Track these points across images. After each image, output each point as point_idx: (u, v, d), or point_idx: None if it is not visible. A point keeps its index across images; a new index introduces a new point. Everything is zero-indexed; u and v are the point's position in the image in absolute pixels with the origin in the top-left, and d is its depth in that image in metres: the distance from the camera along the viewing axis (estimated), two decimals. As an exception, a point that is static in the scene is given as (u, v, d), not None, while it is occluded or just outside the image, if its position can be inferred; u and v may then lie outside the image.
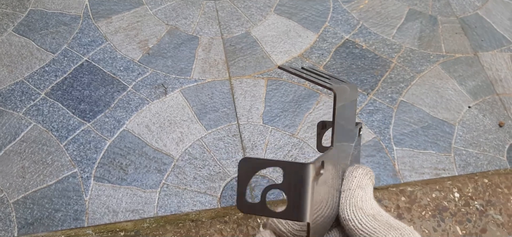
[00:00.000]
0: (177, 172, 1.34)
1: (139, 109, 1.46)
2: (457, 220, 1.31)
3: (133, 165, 1.35)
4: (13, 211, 1.24)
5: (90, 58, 1.58)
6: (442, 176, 1.40)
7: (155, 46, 1.65)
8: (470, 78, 1.68)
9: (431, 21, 1.87)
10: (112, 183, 1.31)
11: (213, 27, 1.73)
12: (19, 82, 1.50)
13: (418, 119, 1.54)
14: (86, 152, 1.36)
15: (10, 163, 1.32)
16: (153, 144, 1.39)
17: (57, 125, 1.41)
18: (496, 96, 1.63)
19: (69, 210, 1.26)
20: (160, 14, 1.75)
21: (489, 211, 1.33)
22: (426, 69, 1.69)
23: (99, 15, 1.71)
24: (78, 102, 1.46)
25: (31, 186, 1.29)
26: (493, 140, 1.51)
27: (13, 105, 1.44)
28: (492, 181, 1.41)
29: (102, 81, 1.52)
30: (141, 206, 1.27)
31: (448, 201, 1.35)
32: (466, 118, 1.56)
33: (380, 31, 1.80)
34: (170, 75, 1.56)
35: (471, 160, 1.46)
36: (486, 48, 1.79)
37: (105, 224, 1.26)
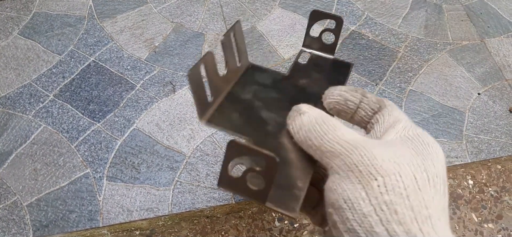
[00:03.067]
0: (189, 169, 1.34)
1: (148, 108, 1.46)
2: (472, 207, 1.31)
3: (145, 163, 1.34)
4: (27, 214, 1.24)
5: (97, 58, 1.57)
6: (455, 164, 1.40)
7: (161, 44, 1.64)
8: (478, 65, 1.68)
9: (437, 10, 1.86)
10: (125, 182, 1.30)
11: (218, 23, 1.73)
12: (27, 84, 1.49)
13: (428, 107, 1.54)
14: (97, 152, 1.35)
15: (22, 166, 1.32)
16: (164, 142, 1.39)
17: (67, 127, 1.40)
18: (505, 82, 1.63)
19: (83, 210, 1.25)
20: (165, 12, 1.75)
21: (504, 197, 1.33)
22: (433, 57, 1.69)
23: (104, 15, 1.71)
24: (87, 102, 1.46)
25: (44, 188, 1.28)
26: (504, 126, 1.50)
27: (22, 108, 1.43)
28: (506, 167, 1.40)
29: (110, 81, 1.52)
30: (155, 204, 1.27)
31: (462, 189, 1.35)
32: (476, 105, 1.56)
33: (386, 21, 1.80)
34: (178, 73, 1.56)
35: (483, 146, 1.45)
36: (493, 34, 1.79)
37: (120, 223, 1.26)
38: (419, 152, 0.29)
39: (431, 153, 0.29)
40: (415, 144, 0.30)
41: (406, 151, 0.29)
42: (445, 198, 0.28)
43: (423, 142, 0.30)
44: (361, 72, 1.61)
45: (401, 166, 0.27)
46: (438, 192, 0.27)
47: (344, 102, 0.36)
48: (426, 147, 0.30)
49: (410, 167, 0.27)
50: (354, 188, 0.27)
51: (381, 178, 0.27)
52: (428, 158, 0.29)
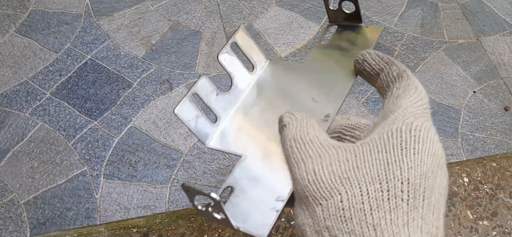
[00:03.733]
0: (186, 167, 1.34)
1: (145, 106, 1.46)
2: (468, 204, 1.31)
3: (142, 161, 1.34)
4: (24, 211, 1.24)
5: (94, 56, 1.57)
6: (451, 162, 1.41)
7: (158, 42, 1.64)
8: (474, 63, 1.69)
9: (433, 8, 1.87)
10: (122, 180, 1.31)
11: (215, 21, 1.73)
12: (24, 82, 1.49)
13: (424, 105, 1.54)
14: (94, 150, 1.36)
15: (19, 164, 1.32)
16: (161, 140, 1.39)
17: (64, 124, 1.40)
18: (500, 80, 1.64)
19: (81, 208, 1.25)
20: (162, 10, 1.75)
21: (499, 194, 1.34)
22: (429, 56, 1.70)
23: (100, 13, 1.71)
24: (84, 100, 1.46)
25: (41, 186, 1.28)
26: (499, 124, 1.52)
27: (19, 106, 1.43)
28: (501, 164, 1.41)
29: (107, 78, 1.52)
30: (153, 202, 1.27)
31: (457, 186, 1.36)
32: (471, 103, 1.57)
33: (382, 19, 1.81)
34: (175, 71, 1.56)
35: (478, 144, 1.46)
36: (488, 32, 1.80)
37: (117, 221, 1.26)
38: (391, 155, 0.26)
39: (416, 152, 0.26)
40: (392, 143, 0.27)
41: (368, 159, 0.26)
42: (423, 203, 0.24)
43: (405, 140, 0.27)
44: (357, 70, 1.62)
45: (348, 183, 0.25)
46: (406, 202, 0.24)
47: (369, 67, 0.36)
48: (409, 146, 0.26)
49: (361, 182, 0.25)
50: (304, 215, 0.26)
51: (324, 202, 0.25)
52: (403, 161, 0.25)
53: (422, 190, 0.25)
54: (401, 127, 0.28)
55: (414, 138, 0.27)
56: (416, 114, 0.29)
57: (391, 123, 0.29)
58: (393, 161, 0.26)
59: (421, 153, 0.26)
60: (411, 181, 0.25)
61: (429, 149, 0.27)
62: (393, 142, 0.27)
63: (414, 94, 0.31)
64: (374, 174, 0.25)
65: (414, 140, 0.27)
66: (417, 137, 0.27)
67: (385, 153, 0.26)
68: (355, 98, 1.53)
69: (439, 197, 0.26)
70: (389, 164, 0.25)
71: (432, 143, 0.27)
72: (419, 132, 0.27)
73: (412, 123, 0.28)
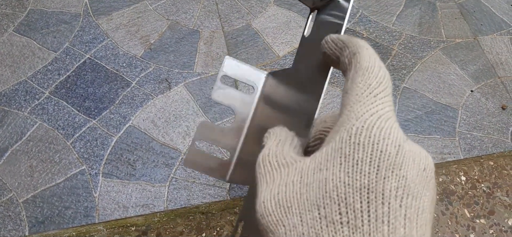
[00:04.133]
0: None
1: (144, 105, 1.46)
2: (465, 203, 1.32)
3: (141, 160, 1.35)
4: (23, 210, 1.24)
5: (93, 56, 1.58)
6: (448, 160, 1.42)
7: (156, 42, 1.65)
8: (471, 62, 1.69)
9: (430, 7, 1.87)
10: (120, 179, 1.31)
11: (213, 21, 1.73)
12: (23, 81, 1.49)
13: (422, 104, 1.55)
14: (93, 149, 1.36)
15: (17, 163, 1.32)
16: (159, 139, 1.39)
17: (62, 123, 1.41)
18: (497, 80, 1.64)
19: (79, 207, 1.26)
20: (160, 9, 1.75)
21: (496, 193, 1.34)
22: (427, 55, 1.70)
23: (99, 12, 1.71)
24: (83, 99, 1.46)
25: (39, 184, 1.29)
26: (496, 123, 1.52)
27: (18, 105, 1.43)
28: (498, 163, 1.42)
29: (106, 78, 1.52)
30: (151, 200, 1.28)
31: (455, 185, 1.36)
32: (469, 102, 1.57)
33: (380, 18, 1.81)
34: (173, 70, 1.56)
35: (475, 143, 1.47)
36: (486, 32, 1.80)
37: (116, 219, 1.27)
38: (330, 173, 0.23)
39: (355, 163, 0.23)
40: (333, 158, 0.24)
41: (309, 182, 0.24)
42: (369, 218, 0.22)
43: (345, 153, 0.23)
44: (355, 69, 1.62)
45: (290, 212, 0.24)
46: (346, 224, 0.22)
47: (328, 58, 0.32)
48: (348, 157, 0.23)
49: (301, 210, 0.23)
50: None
51: (271, 235, 0.24)
52: (340, 179, 0.23)
53: (364, 206, 0.22)
54: (342, 136, 0.24)
55: (354, 147, 0.23)
56: (359, 111, 0.25)
57: (336, 131, 0.26)
58: (331, 180, 0.23)
59: (362, 162, 0.23)
60: (349, 201, 0.22)
61: (372, 154, 0.23)
62: (334, 156, 0.24)
63: (361, 82, 0.26)
64: (313, 200, 0.23)
65: (353, 149, 0.23)
66: (356, 144, 0.23)
67: (325, 171, 0.24)
68: (353, 97, 1.54)
69: (397, 202, 0.22)
70: (327, 184, 0.23)
71: (376, 144, 0.23)
72: (360, 137, 0.24)
73: (352, 127, 0.24)
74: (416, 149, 0.25)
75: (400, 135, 0.24)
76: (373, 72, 0.27)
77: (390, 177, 0.22)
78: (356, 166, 0.23)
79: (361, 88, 0.26)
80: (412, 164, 0.23)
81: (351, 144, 0.24)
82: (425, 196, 0.23)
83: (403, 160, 0.23)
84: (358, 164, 0.23)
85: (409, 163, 0.23)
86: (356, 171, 0.23)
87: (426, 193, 0.23)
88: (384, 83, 0.27)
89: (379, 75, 0.27)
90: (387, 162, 0.23)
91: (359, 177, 0.22)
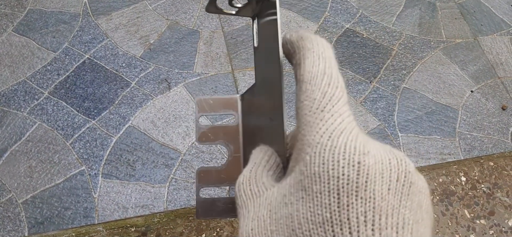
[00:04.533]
0: (184, 166, 1.35)
1: (143, 105, 1.46)
2: (465, 203, 1.32)
3: (141, 160, 1.35)
4: (23, 211, 1.24)
5: (92, 56, 1.57)
6: (448, 161, 1.42)
7: (156, 42, 1.64)
8: (471, 62, 1.69)
9: (430, 8, 1.87)
10: (120, 180, 1.31)
11: (213, 21, 1.73)
12: (22, 82, 1.49)
13: (422, 105, 1.55)
14: (92, 150, 1.36)
15: (17, 163, 1.32)
16: (159, 139, 1.39)
17: (62, 124, 1.40)
18: (497, 80, 1.64)
19: (79, 208, 1.25)
20: (160, 9, 1.75)
21: (496, 193, 1.34)
22: (427, 55, 1.70)
23: (98, 12, 1.71)
24: (82, 100, 1.46)
25: (39, 185, 1.28)
26: (496, 123, 1.52)
27: (17, 105, 1.43)
28: (498, 164, 1.42)
29: (105, 78, 1.52)
30: (151, 201, 1.28)
31: (455, 185, 1.36)
32: (469, 103, 1.57)
33: (380, 19, 1.81)
34: (173, 70, 1.56)
35: (476, 144, 1.47)
36: (486, 32, 1.80)
37: (115, 220, 1.26)
38: (294, 208, 0.22)
39: (315, 195, 0.21)
40: (295, 191, 0.22)
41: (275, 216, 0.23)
42: None
43: (304, 186, 0.22)
44: (355, 69, 1.62)
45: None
46: None
47: (288, 59, 0.28)
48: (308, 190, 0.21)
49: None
50: None
51: None
52: (304, 214, 0.21)
53: None
54: (300, 167, 0.22)
55: (310, 178, 0.21)
56: (311, 132, 0.22)
57: (295, 159, 0.24)
58: (295, 217, 0.21)
59: (321, 194, 0.21)
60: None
61: (330, 182, 0.21)
62: (296, 188, 0.22)
63: (306, 99, 0.23)
64: (282, 230, 0.22)
65: (310, 181, 0.21)
66: (312, 175, 0.21)
67: (290, 206, 0.22)
68: (353, 98, 1.54)
69: (365, 228, 0.20)
70: (293, 221, 0.21)
71: (332, 170, 0.21)
72: (314, 167, 0.21)
73: (305, 156, 0.22)
74: (384, 158, 0.22)
75: (358, 148, 0.21)
76: (316, 83, 0.23)
77: (354, 203, 0.20)
78: (315, 199, 0.21)
79: (307, 105, 0.23)
80: (380, 179, 0.21)
81: (308, 175, 0.22)
82: (404, 208, 0.21)
83: (367, 179, 0.21)
84: (317, 196, 0.21)
85: (376, 179, 0.21)
86: (317, 205, 0.21)
87: (405, 204, 0.21)
88: (330, 91, 0.23)
89: (323, 84, 0.23)
90: (347, 187, 0.20)
91: (321, 211, 0.20)
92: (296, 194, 0.22)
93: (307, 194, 0.21)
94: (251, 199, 0.25)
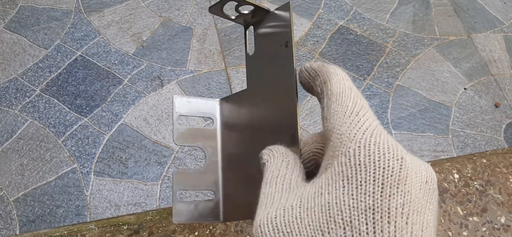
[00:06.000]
0: (177, 164, 1.34)
1: (136, 102, 1.45)
2: (458, 200, 1.32)
3: (133, 158, 1.34)
4: (14, 209, 1.23)
5: (84, 53, 1.56)
6: (441, 158, 1.42)
7: (149, 39, 1.63)
8: (465, 60, 1.69)
9: (424, 5, 1.87)
10: (112, 177, 1.30)
11: (206, 18, 1.72)
12: (13, 79, 1.48)
13: (415, 102, 1.55)
14: (84, 147, 1.35)
15: (8, 161, 1.30)
16: (152, 137, 1.38)
17: (54, 121, 1.39)
18: (491, 77, 1.64)
19: (71, 206, 1.25)
20: (153, 6, 1.74)
21: (489, 190, 1.34)
22: (421, 52, 1.70)
23: (90, 9, 1.69)
24: (74, 97, 1.45)
25: (30, 183, 1.27)
26: (490, 120, 1.52)
27: (8, 103, 1.42)
28: (491, 161, 1.42)
29: (97, 75, 1.51)
30: (143, 199, 1.27)
31: (448, 183, 1.36)
32: (462, 100, 1.57)
33: (374, 16, 1.81)
34: (166, 67, 1.55)
35: (469, 141, 1.47)
36: (479, 29, 1.80)
37: (107, 218, 1.25)
38: (333, 197, 0.23)
39: (358, 185, 0.23)
40: (334, 182, 0.24)
41: (311, 206, 0.24)
42: None
43: (347, 176, 0.23)
44: (349, 67, 1.62)
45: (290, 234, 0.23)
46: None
47: (305, 87, 0.32)
48: (351, 180, 0.23)
49: (294, 236, 0.23)
50: None
51: None
52: (344, 202, 0.22)
53: (370, 228, 0.21)
54: (341, 161, 0.24)
55: (355, 168, 0.23)
56: (350, 132, 0.25)
57: (332, 156, 0.25)
58: (334, 205, 0.22)
59: (366, 183, 0.22)
60: (354, 223, 0.22)
61: (375, 172, 0.22)
62: (335, 180, 0.23)
63: (338, 106, 0.26)
64: (316, 225, 0.23)
65: (355, 171, 0.23)
66: (357, 166, 0.23)
67: (327, 195, 0.23)
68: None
69: (403, 219, 0.22)
70: (330, 209, 0.23)
71: (377, 161, 0.23)
72: (359, 157, 0.23)
73: (348, 149, 0.24)
74: (416, 161, 0.24)
75: (399, 147, 0.23)
76: (346, 95, 0.27)
77: (395, 194, 0.22)
78: (359, 187, 0.22)
79: (340, 111, 0.26)
80: (415, 177, 0.23)
81: (352, 166, 0.23)
82: (428, 210, 0.23)
83: (407, 174, 0.22)
84: (361, 185, 0.22)
85: (412, 176, 0.23)
86: (361, 193, 0.22)
87: (429, 206, 0.23)
88: (360, 101, 0.26)
89: (352, 96, 0.27)
90: (391, 178, 0.22)
91: (364, 198, 0.22)
92: (335, 184, 0.23)
93: (349, 183, 0.23)
94: (280, 193, 0.26)
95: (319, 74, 0.29)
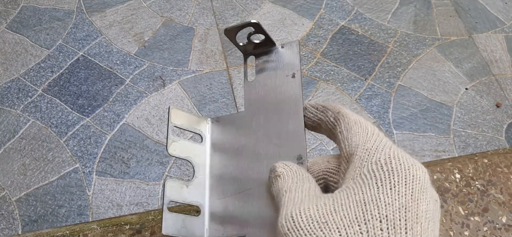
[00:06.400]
0: (179, 163, 1.34)
1: (138, 102, 1.46)
2: (459, 200, 1.32)
3: (135, 158, 1.34)
4: (16, 208, 1.23)
5: (86, 53, 1.57)
6: (443, 158, 1.42)
7: (150, 39, 1.64)
8: (466, 60, 1.69)
9: (425, 5, 1.87)
10: (114, 177, 1.30)
11: (208, 18, 1.73)
12: (15, 79, 1.48)
13: (417, 102, 1.55)
14: (86, 147, 1.35)
15: (10, 161, 1.31)
16: (153, 137, 1.39)
17: (56, 121, 1.39)
18: (492, 77, 1.64)
19: (73, 205, 1.25)
20: (154, 6, 1.74)
21: (490, 190, 1.35)
22: (422, 52, 1.70)
23: (92, 9, 1.70)
24: (76, 97, 1.45)
25: (33, 183, 1.28)
26: (491, 120, 1.52)
27: (10, 103, 1.42)
28: (492, 161, 1.42)
29: (99, 75, 1.51)
30: (145, 198, 1.27)
31: (449, 182, 1.36)
32: (463, 100, 1.57)
33: (375, 16, 1.81)
34: (168, 67, 1.56)
35: (470, 141, 1.47)
36: (481, 29, 1.81)
37: (109, 218, 1.26)
38: (367, 195, 0.25)
39: (392, 186, 0.25)
40: (367, 184, 0.26)
41: (345, 203, 0.26)
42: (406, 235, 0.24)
43: (380, 178, 0.26)
44: (350, 67, 1.62)
45: (327, 228, 0.25)
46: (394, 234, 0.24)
47: (310, 121, 0.35)
48: (384, 182, 0.26)
49: (340, 226, 0.24)
50: None
51: None
52: (380, 199, 0.25)
53: (402, 223, 0.24)
54: (372, 167, 0.27)
55: (388, 173, 0.26)
56: (377, 147, 0.28)
57: (359, 166, 0.28)
58: (370, 201, 0.25)
59: (399, 185, 0.25)
60: (390, 217, 0.24)
61: (407, 177, 0.26)
62: (369, 183, 0.26)
63: (359, 129, 0.30)
64: (352, 217, 0.25)
65: (388, 175, 0.26)
66: (390, 171, 0.26)
67: (361, 194, 0.25)
68: (348, 95, 1.54)
69: (426, 223, 0.24)
70: (366, 204, 0.25)
71: (408, 169, 0.26)
72: (391, 164, 0.26)
73: (379, 158, 0.27)
74: None
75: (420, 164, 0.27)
76: (362, 121, 0.30)
77: (422, 200, 0.25)
78: (394, 188, 0.25)
79: (362, 132, 0.29)
80: (431, 191, 0.26)
81: (385, 171, 0.26)
82: (437, 219, 0.26)
83: (429, 186, 0.26)
84: (395, 186, 0.25)
85: (431, 189, 0.26)
86: (395, 193, 0.25)
87: (438, 215, 0.26)
88: (376, 130, 0.30)
89: (368, 124, 0.30)
90: (418, 185, 0.25)
91: (398, 197, 0.25)
92: (368, 185, 0.26)
93: (383, 184, 0.25)
94: (306, 197, 0.28)
95: (328, 107, 0.33)
